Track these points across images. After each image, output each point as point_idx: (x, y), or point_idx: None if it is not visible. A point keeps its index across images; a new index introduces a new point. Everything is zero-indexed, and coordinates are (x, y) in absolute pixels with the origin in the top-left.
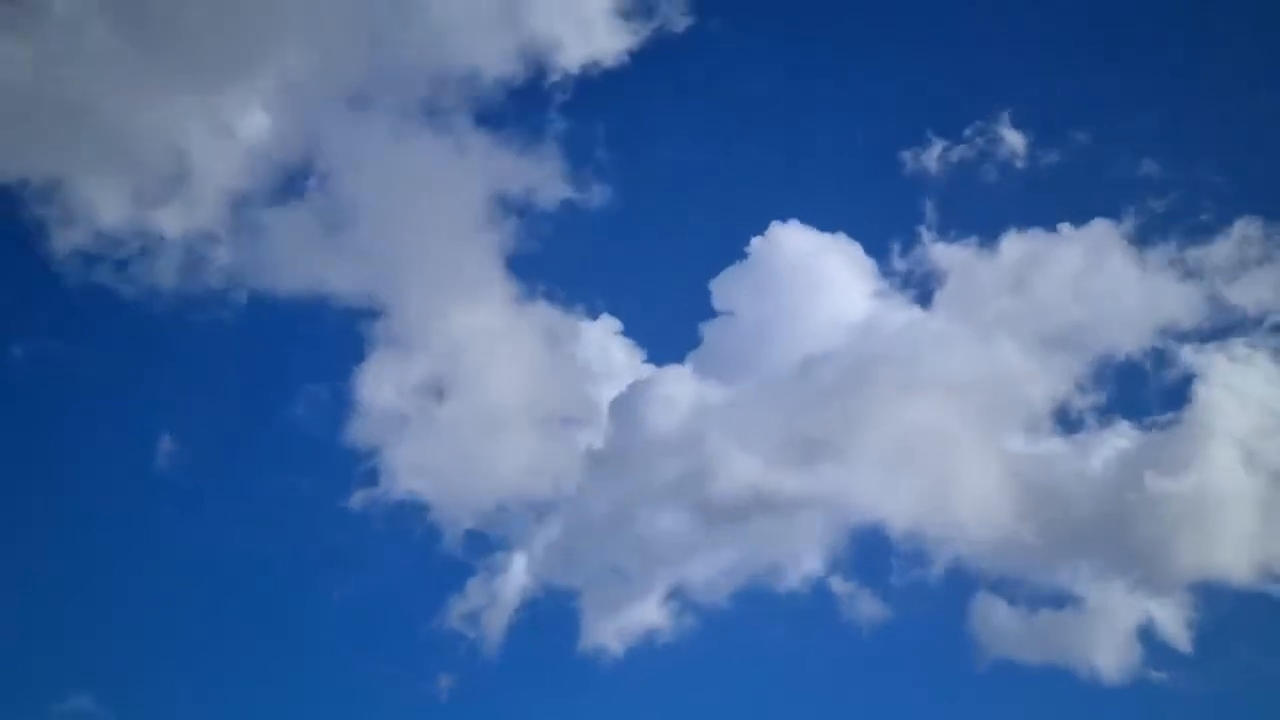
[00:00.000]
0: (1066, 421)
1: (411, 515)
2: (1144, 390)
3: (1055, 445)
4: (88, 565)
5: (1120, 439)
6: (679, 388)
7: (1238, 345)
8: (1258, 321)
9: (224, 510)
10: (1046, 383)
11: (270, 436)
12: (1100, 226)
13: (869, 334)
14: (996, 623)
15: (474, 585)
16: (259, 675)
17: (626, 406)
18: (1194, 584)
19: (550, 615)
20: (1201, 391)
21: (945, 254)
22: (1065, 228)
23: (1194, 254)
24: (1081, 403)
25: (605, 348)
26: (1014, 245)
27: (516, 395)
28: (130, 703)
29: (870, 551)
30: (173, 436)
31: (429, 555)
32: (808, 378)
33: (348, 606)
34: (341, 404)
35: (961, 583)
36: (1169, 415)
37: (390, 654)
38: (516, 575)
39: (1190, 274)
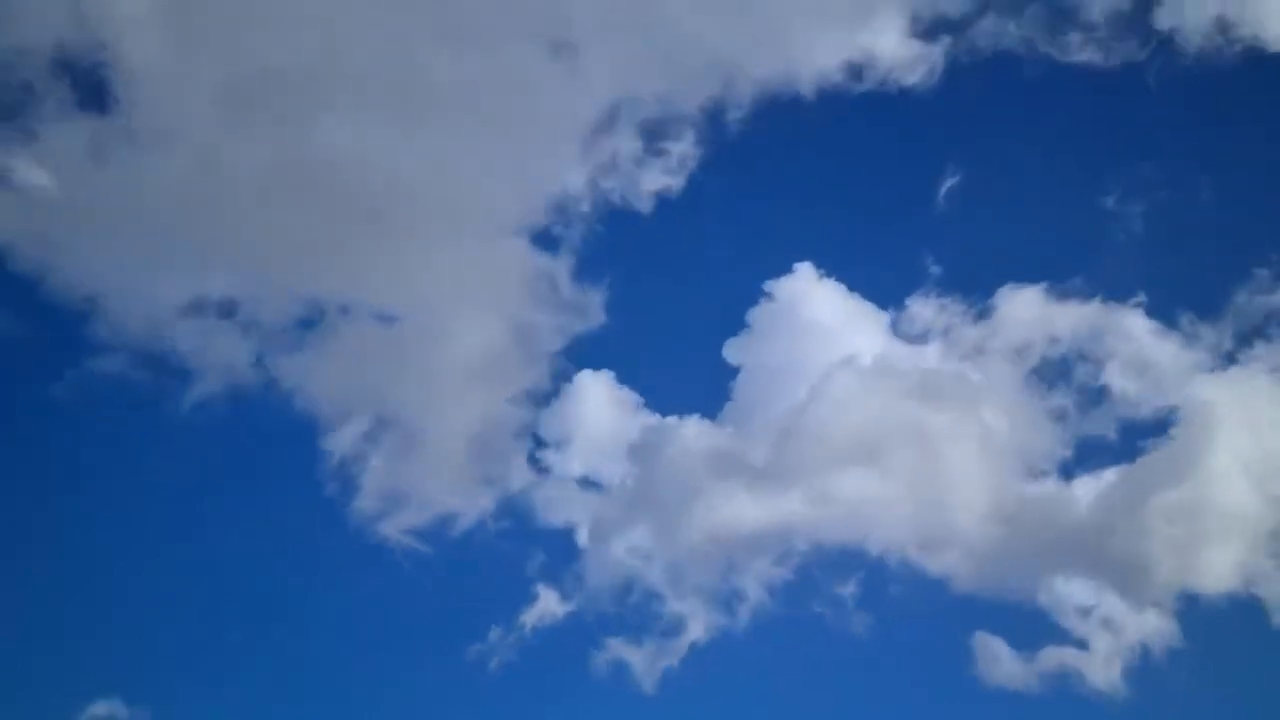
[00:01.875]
0: (1063, 462)
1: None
2: (1138, 423)
3: (1052, 483)
4: (113, 569)
5: (1114, 471)
6: (687, 434)
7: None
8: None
9: (247, 520)
10: (1043, 423)
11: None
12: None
13: (870, 378)
14: (993, 652)
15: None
16: (282, 680)
17: (641, 451)
18: (1189, 604)
19: (566, 647)
20: (1192, 415)
21: (949, 304)
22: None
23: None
24: (1076, 442)
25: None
26: (1015, 297)
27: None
28: (160, 705)
29: (875, 582)
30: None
31: (453, 585)
32: (811, 422)
33: (373, 619)
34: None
35: (960, 612)
36: (1161, 440)
37: (410, 671)
38: (542, 608)
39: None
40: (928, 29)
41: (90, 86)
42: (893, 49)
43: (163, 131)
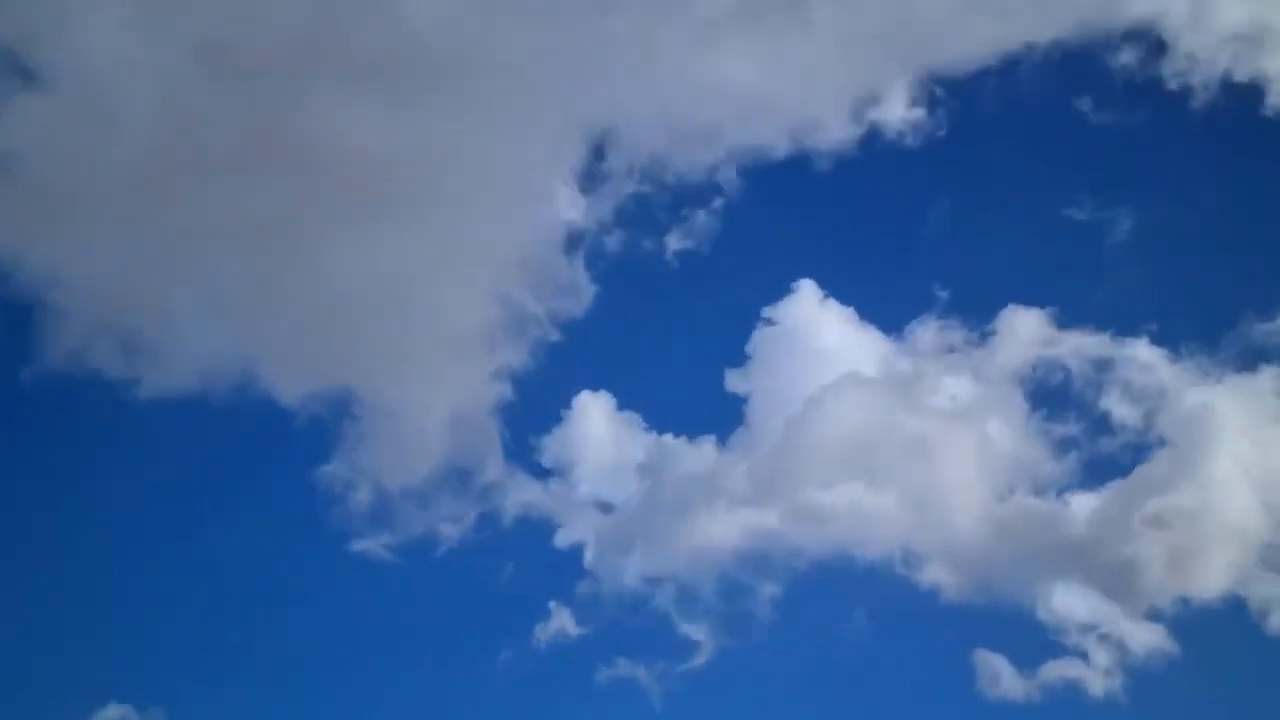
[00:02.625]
0: (1062, 476)
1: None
2: (1136, 436)
3: (1053, 498)
4: (120, 574)
5: (1112, 484)
6: (688, 455)
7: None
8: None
9: (237, 520)
10: (1043, 439)
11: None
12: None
13: (871, 395)
14: (994, 667)
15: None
16: (296, 687)
17: (644, 471)
18: (1189, 615)
19: (575, 664)
20: (1189, 424)
21: (950, 324)
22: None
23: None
24: (1076, 456)
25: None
26: (1017, 319)
27: None
28: (168, 710)
29: (879, 599)
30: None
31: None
32: (815, 440)
33: (389, 624)
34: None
35: (962, 628)
36: (1158, 451)
37: (425, 677)
38: (553, 626)
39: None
40: (933, 97)
41: (41, 59)
42: (899, 116)
43: (127, 106)
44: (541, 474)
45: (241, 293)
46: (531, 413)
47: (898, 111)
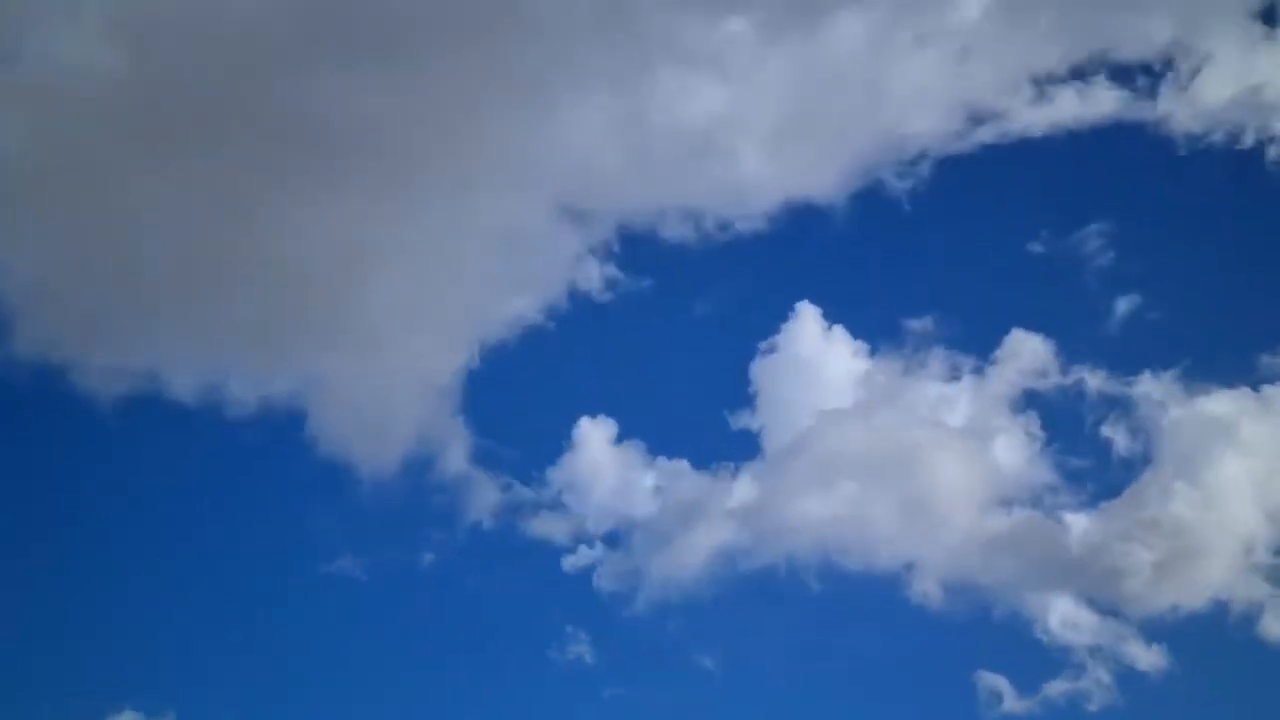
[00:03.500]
0: (1060, 493)
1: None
2: (1133, 452)
3: (1053, 514)
4: (129, 577)
5: (1111, 498)
6: (689, 479)
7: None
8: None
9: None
10: (1040, 462)
11: None
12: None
13: (873, 416)
14: (995, 686)
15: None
16: (306, 691)
17: (653, 496)
18: (1188, 626)
19: (584, 685)
20: (1184, 437)
21: (955, 350)
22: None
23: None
24: (1074, 473)
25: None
26: (1017, 344)
27: None
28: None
29: (884, 618)
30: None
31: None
32: (812, 464)
33: (397, 635)
34: None
35: (963, 645)
36: (1154, 466)
37: (432, 689)
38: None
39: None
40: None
41: None
42: (899, 187)
43: (88, 80)
44: (548, 499)
45: (209, 274)
46: (535, 438)
47: (896, 186)
